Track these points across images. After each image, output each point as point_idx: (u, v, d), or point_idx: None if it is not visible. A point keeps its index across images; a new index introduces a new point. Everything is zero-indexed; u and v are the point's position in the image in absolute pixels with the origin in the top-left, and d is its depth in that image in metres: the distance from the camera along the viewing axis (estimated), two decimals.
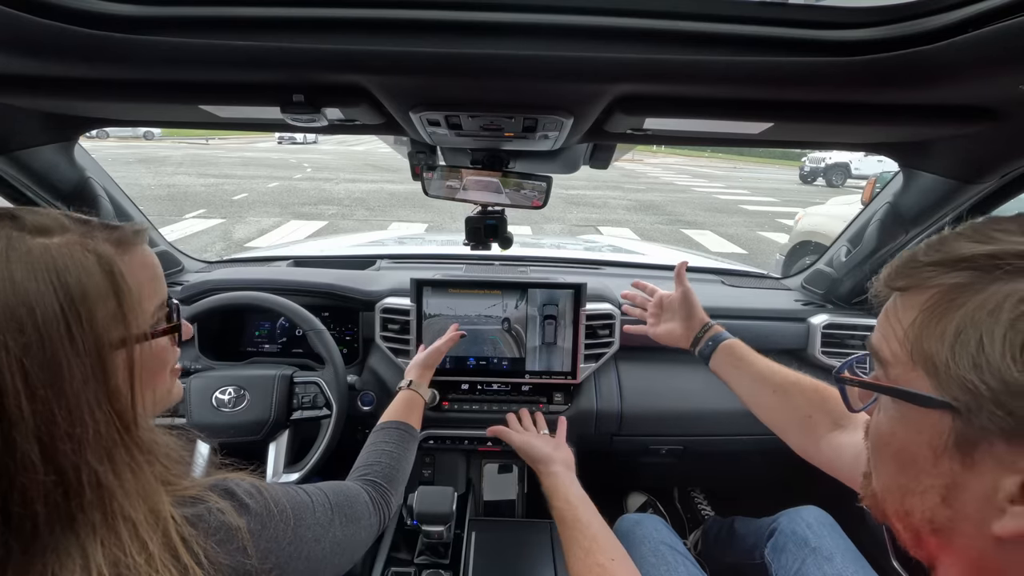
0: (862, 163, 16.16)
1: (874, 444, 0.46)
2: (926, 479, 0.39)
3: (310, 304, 1.29)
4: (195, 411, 1.10)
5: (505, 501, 1.42)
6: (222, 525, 0.49)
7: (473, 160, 1.13)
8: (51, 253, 0.44)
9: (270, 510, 0.54)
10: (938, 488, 0.39)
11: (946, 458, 0.37)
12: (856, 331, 1.45)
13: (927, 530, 0.41)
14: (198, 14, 0.58)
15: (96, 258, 0.46)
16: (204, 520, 0.48)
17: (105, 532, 0.43)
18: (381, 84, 0.70)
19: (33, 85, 0.73)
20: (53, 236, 0.45)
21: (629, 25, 0.58)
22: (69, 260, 0.44)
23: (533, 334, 1.34)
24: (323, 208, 9.23)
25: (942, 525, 0.39)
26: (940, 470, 0.38)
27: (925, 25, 0.54)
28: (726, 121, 0.76)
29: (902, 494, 0.42)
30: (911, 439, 0.40)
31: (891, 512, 0.44)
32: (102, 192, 1.23)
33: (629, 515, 1.27)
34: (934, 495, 0.39)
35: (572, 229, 8.49)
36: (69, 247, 0.45)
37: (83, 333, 0.43)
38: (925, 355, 0.38)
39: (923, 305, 0.39)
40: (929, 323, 0.38)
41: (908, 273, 0.41)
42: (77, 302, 0.43)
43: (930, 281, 0.39)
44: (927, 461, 0.39)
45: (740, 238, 8.30)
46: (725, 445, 1.46)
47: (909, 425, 0.40)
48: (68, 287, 0.43)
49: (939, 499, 0.39)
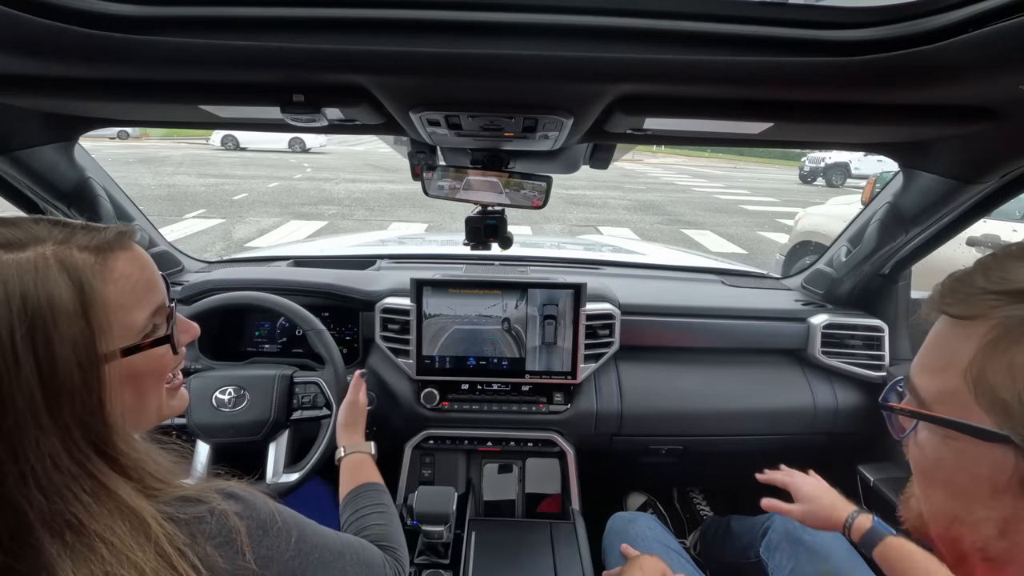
0: (862, 163, 16.13)
1: (920, 471, 0.44)
2: (981, 511, 0.38)
3: (310, 304, 1.29)
4: (195, 411, 1.10)
5: (505, 501, 1.42)
6: (222, 528, 0.48)
7: (473, 160, 1.13)
8: (14, 271, 0.42)
9: (273, 518, 0.53)
10: (995, 521, 0.37)
11: (1008, 495, 0.36)
12: (856, 331, 1.45)
13: (978, 558, 0.40)
14: (198, 14, 0.58)
15: (67, 274, 0.44)
16: (204, 522, 0.47)
17: (83, 557, 0.41)
18: (381, 84, 0.70)
19: (33, 85, 0.74)
20: (25, 250, 0.43)
21: (629, 25, 0.58)
22: (35, 279, 0.42)
23: (533, 334, 1.34)
24: (323, 208, 9.22)
25: (996, 555, 0.38)
26: (999, 503, 0.37)
27: (925, 25, 0.54)
28: (726, 121, 0.76)
29: (949, 521, 0.41)
30: (965, 470, 0.39)
31: (936, 536, 0.43)
32: (102, 192, 1.23)
33: (622, 513, 1.27)
34: (990, 527, 0.38)
35: (572, 229, 8.48)
36: (39, 261, 0.43)
37: (36, 361, 0.41)
38: (989, 387, 0.36)
39: (985, 336, 0.37)
40: (994, 354, 0.36)
41: (966, 300, 0.39)
42: (36, 324, 0.41)
43: (993, 313, 0.37)
44: (984, 494, 0.38)
45: (740, 238, 8.30)
46: (725, 445, 1.46)
47: (963, 457, 0.39)
48: (26, 307, 0.41)
49: (995, 532, 0.38)
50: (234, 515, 0.49)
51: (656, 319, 1.48)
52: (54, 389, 0.42)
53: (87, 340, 0.44)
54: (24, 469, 0.40)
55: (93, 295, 0.45)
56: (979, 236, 3.29)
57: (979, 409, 0.37)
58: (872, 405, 1.42)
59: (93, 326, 0.44)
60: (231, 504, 0.50)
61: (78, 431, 0.43)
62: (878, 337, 1.44)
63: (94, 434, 0.44)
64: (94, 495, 0.43)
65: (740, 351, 1.52)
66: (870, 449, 1.41)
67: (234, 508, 0.49)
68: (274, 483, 1.10)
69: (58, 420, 0.42)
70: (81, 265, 0.45)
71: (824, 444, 1.47)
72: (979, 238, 3.27)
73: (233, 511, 0.49)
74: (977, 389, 0.37)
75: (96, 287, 0.45)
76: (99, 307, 0.45)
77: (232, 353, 1.44)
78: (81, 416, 0.44)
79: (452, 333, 1.35)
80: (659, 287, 1.69)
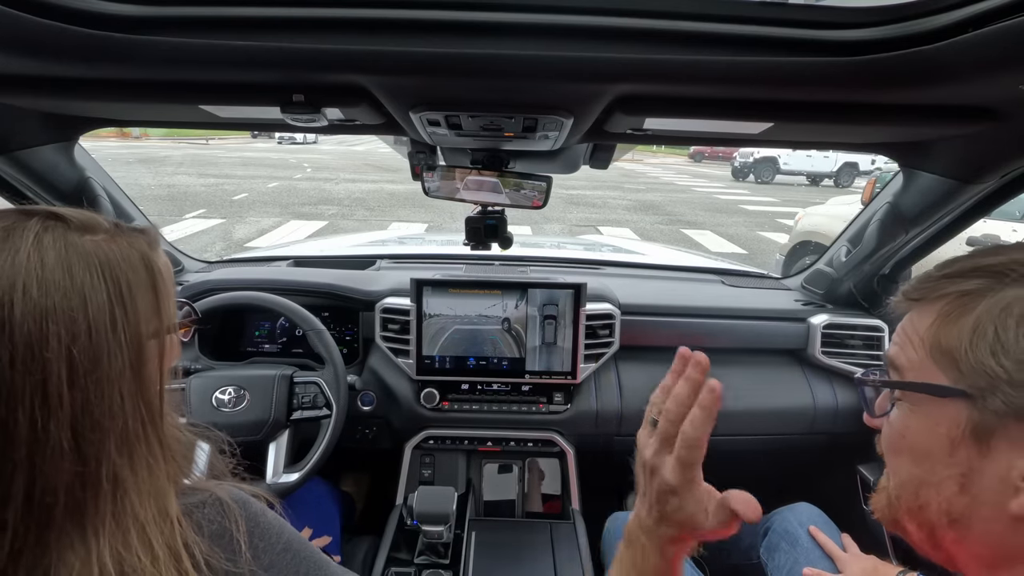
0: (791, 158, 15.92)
1: (889, 445, 0.48)
2: (942, 470, 0.42)
3: (310, 304, 1.29)
4: (195, 411, 1.10)
5: (505, 501, 1.42)
6: (219, 524, 0.49)
7: (473, 160, 1.13)
8: (102, 248, 0.46)
9: (265, 512, 0.55)
10: (955, 477, 0.41)
11: (963, 447, 0.40)
12: (856, 331, 1.45)
13: (944, 523, 0.43)
14: (198, 14, 0.58)
15: (139, 254, 0.49)
16: (202, 514, 0.49)
17: (114, 528, 0.43)
18: (381, 84, 0.70)
19: (33, 85, 0.74)
20: (98, 233, 0.48)
21: (629, 25, 0.57)
22: (119, 255, 0.47)
23: (533, 334, 1.34)
24: (323, 208, 9.22)
25: (960, 514, 0.41)
26: (956, 459, 0.41)
27: (925, 25, 0.54)
28: (726, 121, 0.76)
29: (917, 486, 0.44)
30: (927, 431, 0.43)
31: (905, 510, 0.46)
32: (102, 192, 1.23)
33: (620, 513, 1.27)
34: (951, 484, 0.41)
35: (572, 229, 8.49)
36: (116, 243, 0.48)
37: (126, 324, 0.46)
38: (943, 350, 0.42)
39: (940, 310, 0.43)
40: (946, 323, 0.42)
41: (923, 286, 0.45)
42: (124, 294, 0.46)
43: (944, 289, 0.43)
44: (943, 452, 0.42)
45: (740, 238, 8.30)
46: (725, 445, 1.46)
47: (926, 419, 0.43)
48: (118, 280, 0.46)
49: (956, 488, 0.41)
50: (233, 511, 0.50)
51: (656, 319, 1.48)
52: (139, 353, 0.47)
53: (156, 312, 0.50)
54: (111, 426, 0.44)
55: (159, 274, 0.51)
56: (979, 236, 3.29)
57: (937, 371, 0.42)
58: None
59: (160, 300, 0.50)
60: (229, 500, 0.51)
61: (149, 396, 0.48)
62: (878, 337, 1.44)
63: (154, 407, 0.49)
64: (148, 467, 0.47)
65: (740, 351, 1.52)
66: (870, 449, 1.39)
67: (233, 503, 0.51)
68: (274, 483, 1.10)
69: (138, 384, 0.46)
70: (145, 249, 0.50)
71: (824, 444, 1.47)
72: (979, 238, 3.28)
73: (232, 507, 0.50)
74: (933, 354, 0.43)
75: (159, 267, 0.51)
76: (162, 285, 0.51)
77: (232, 353, 1.44)
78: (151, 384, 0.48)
79: (452, 333, 1.35)
80: (659, 287, 1.69)
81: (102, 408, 0.43)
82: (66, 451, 0.41)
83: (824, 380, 1.47)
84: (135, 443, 0.46)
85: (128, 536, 0.43)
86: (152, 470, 0.47)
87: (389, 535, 1.22)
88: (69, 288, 0.43)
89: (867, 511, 0.95)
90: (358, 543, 1.34)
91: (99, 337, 0.44)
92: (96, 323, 0.44)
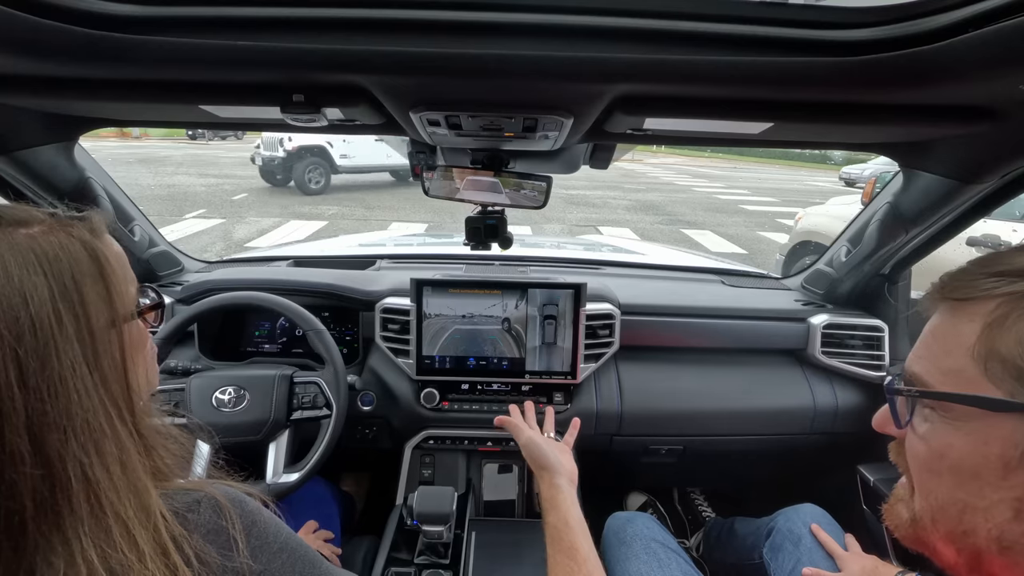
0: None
1: (923, 465, 0.43)
2: (993, 493, 0.37)
3: (310, 304, 1.29)
4: (195, 411, 1.10)
5: (505, 501, 1.42)
6: (213, 521, 0.48)
7: (473, 160, 1.13)
8: (39, 242, 0.44)
9: (261, 511, 0.54)
10: (1008, 502, 0.37)
11: (1021, 471, 0.36)
12: (856, 331, 1.44)
13: (994, 550, 0.38)
14: (198, 14, 0.58)
15: (81, 243, 0.47)
16: (196, 512, 0.48)
17: (95, 528, 0.42)
18: (381, 84, 0.70)
19: (33, 85, 0.73)
20: (33, 226, 0.46)
21: (629, 25, 0.57)
22: (57, 247, 0.45)
23: (533, 334, 1.34)
24: (323, 208, 9.22)
25: (1013, 543, 0.37)
26: (1011, 482, 0.36)
27: (925, 25, 0.54)
28: (726, 121, 0.76)
29: (960, 511, 0.40)
30: (974, 451, 0.38)
31: (943, 534, 0.42)
32: (102, 192, 1.23)
33: (620, 513, 1.27)
34: (1004, 510, 0.37)
35: (572, 229, 8.48)
36: (55, 235, 0.46)
37: (74, 318, 0.44)
38: (1001, 358, 0.37)
39: (992, 314, 0.38)
40: (1001, 328, 0.37)
41: (967, 284, 0.40)
42: (68, 287, 0.44)
43: (994, 291, 0.38)
44: (994, 475, 0.37)
45: (740, 238, 8.30)
46: (725, 445, 1.46)
47: (973, 437, 0.38)
48: (59, 273, 0.44)
49: (1011, 514, 0.37)
50: (228, 509, 0.50)
51: (656, 319, 1.48)
52: (93, 345, 0.45)
53: (108, 301, 0.48)
54: (67, 425, 0.42)
55: (106, 261, 0.49)
56: (979, 236, 3.29)
57: (988, 383, 0.37)
58: (872, 405, 1.42)
59: (110, 289, 0.48)
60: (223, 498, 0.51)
61: (114, 389, 0.46)
62: (878, 337, 1.44)
63: (123, 400, 0.47)
64: (121, 463, 0.45)
65: (740, 351, 1.52)
66: (870, 449, 1.40)
67: (227, 501, 0.50)
68: (274, 483, 1.10)
69: (97, 377, 0.45)
70: (87, 237, 0.49)
71: (824, 444, 1.47)
72: (979, 238, 3.28)
73: (226, 505, 0.50)
74: (987, 364, 0.37)
75: (105, 254, 0.49)
76: (110, 272, 0.49)
77: (232, 353, 1.44)
78: (113, 376, 0.47)
79: (452, 333, 1.35)
80: (659, 287, 1.69)
81: (58, 407, 0.42)
82: (25, 455, 0.40)
83: (824, 380, 1.47)
84: (102, 439, 0.44)
85: (111, 534, 0.42)
86: (127, 465, 0.45)
87: (389, 535, 1.22)
88: (6, 287, 0.41)
89: (867, 511, 0.95)
90: (358, 543, 1.34)
91: (45, 334, 0.42)
92: (40, 320, 0.42)
